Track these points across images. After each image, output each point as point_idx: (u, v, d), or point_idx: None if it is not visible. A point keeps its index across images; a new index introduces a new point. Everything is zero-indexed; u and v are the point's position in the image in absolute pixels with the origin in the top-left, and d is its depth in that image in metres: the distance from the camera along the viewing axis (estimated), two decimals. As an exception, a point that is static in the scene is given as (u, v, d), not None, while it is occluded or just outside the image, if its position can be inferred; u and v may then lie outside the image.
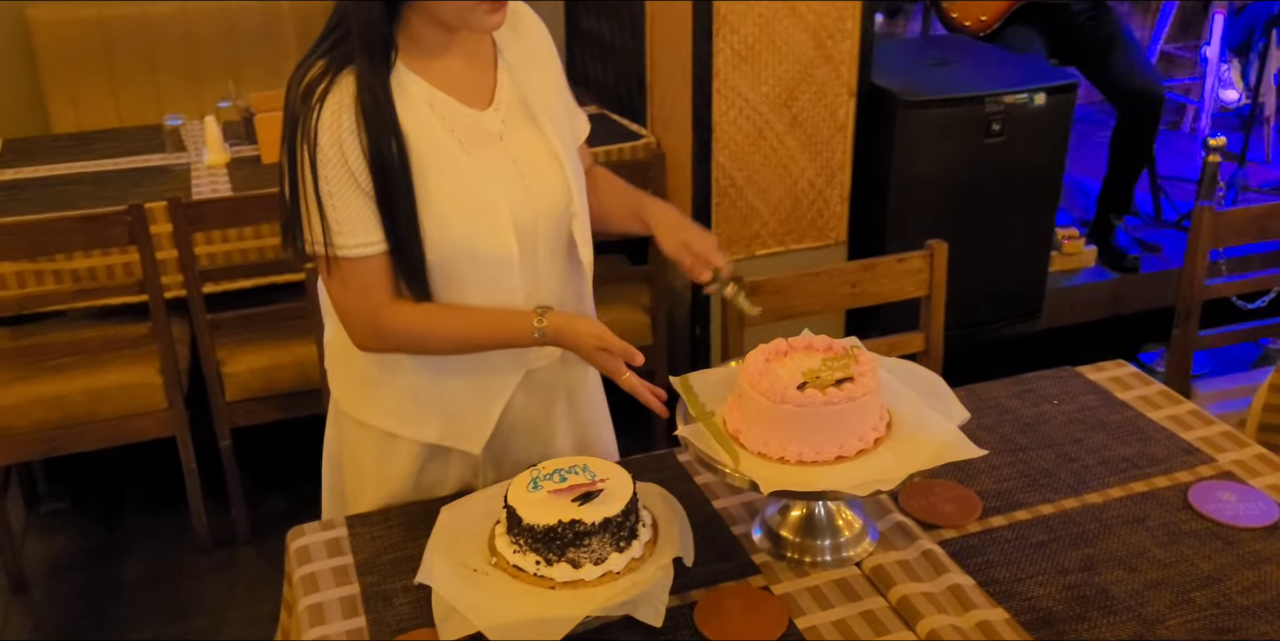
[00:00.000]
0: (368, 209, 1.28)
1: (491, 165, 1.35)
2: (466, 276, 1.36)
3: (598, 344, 1.35)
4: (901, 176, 2.83)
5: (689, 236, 1.43)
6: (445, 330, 1.37)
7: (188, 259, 2.35)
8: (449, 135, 1.32)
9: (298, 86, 1.27)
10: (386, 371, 1.43)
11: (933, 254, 1.95)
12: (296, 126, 1.26)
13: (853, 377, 1.25)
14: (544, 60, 1.44)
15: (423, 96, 1.31)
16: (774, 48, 2.66)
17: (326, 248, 1.29)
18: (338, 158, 1.26)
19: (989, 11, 3.40)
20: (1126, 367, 1.75)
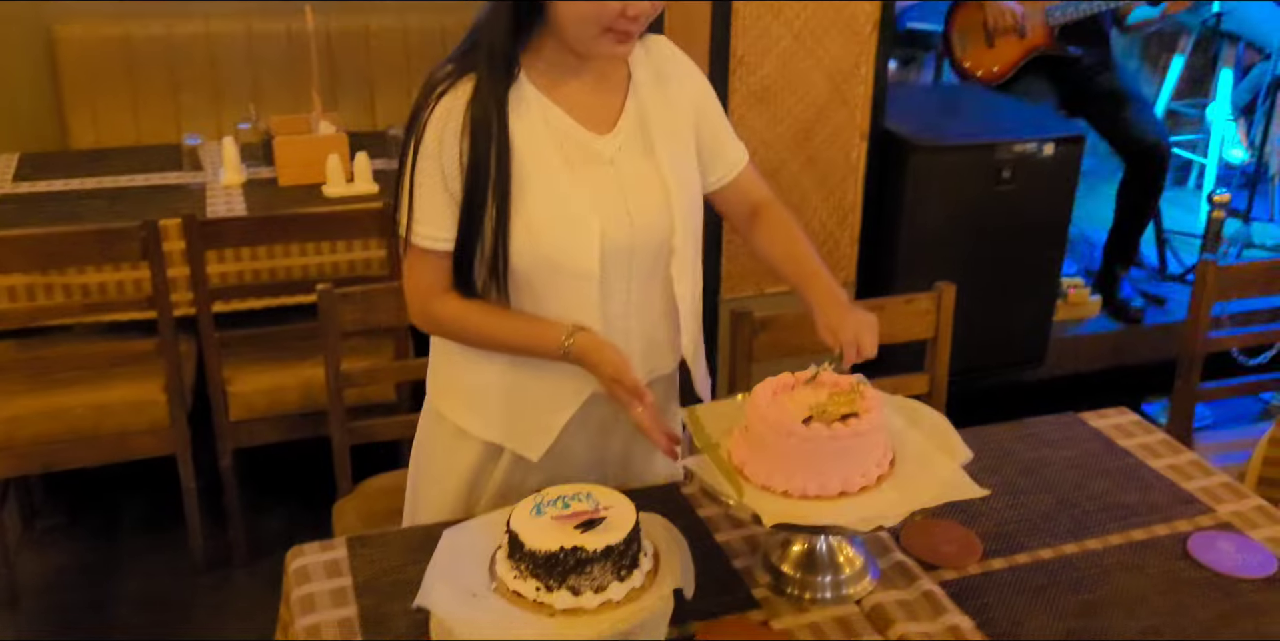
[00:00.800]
0: (446, 207, 1.36)
1: (594, 185, 1.39)
2: (548, 286, 1.40)
3: (614, 374, 1.37)
4: (911, 219, 2.86)
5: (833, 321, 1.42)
6: (479, 326, 1.43)
7: (199, 276, 2.36)
8: (556, 151, 1.38)
9: (428, 81, 1.37)
10: (464, 367, 1.49)
11: (940, 296, 1.96)
12: (414, 117, 1.36)
13: (858, 414, 1.26)
14: (679, 94, 1.48)
15: (540, 112, 1.37)
16: (791, 88, 2.70)
17: (407, 231, 1.39)
18: (435, 153, 1.34)
19: (1001, 62, 3.45)
20: (1129, 415, 1.75)
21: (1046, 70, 3.45)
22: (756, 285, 2.85)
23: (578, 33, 1.32)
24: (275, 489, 2.84)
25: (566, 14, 1.30)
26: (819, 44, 2.69)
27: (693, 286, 1.51)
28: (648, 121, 1.43)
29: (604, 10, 1.29)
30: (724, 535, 1.45)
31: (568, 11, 1.30)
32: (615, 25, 1.30)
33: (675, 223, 1.44)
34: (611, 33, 1.31)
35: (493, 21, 1.33)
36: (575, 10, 1.29)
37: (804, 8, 2.64)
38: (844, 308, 1.44)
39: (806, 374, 1.36)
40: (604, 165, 1.40)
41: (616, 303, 1.44)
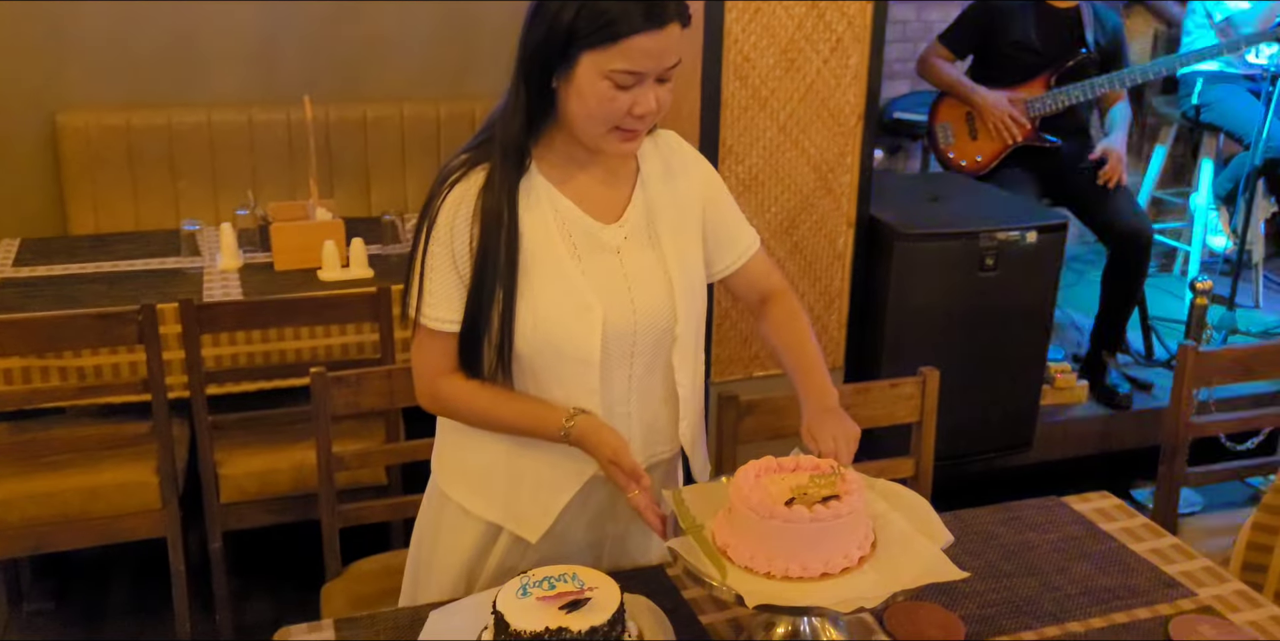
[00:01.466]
0: (456, 291, 1.41)
1: (599, 273, 1.44)
2: (550, 370, 1.44)
3: (612, 457, 1.40)
4: (897, 306, 2.91)
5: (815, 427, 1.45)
6: (485, 408, 1.46)
7: (194, 360, 2.39)
8: (564, 240, 1.43)
9: (443, 173, 1.43)
10: (469, 447, 1.52)
11: (925, 380, 1.99)
12: (428, 203, 1.42)
13: (839, 496, 1.28)
14: (686, 186, 1.53)
15: (550, 203, 1.43)
16: (778, 178, 2.78)
17: (416, 312, 1.44)
18: (446, 239, 1.40)
19: (985, 153, 3.54)
20: (1111, 499, 1.77)
21: (1029, 160, 3.55)
22: (745, 369, 2.89)
23: (586, 129, 1.37)
24: (263, 572, 2.82)
25: (576, 112, 1.36)
26: (804, 135, 2.78)
27: (693, 375, 1.54)
28: (654, 213, 1.48)
29: (612, 110, 1.34)
30: (709, 617, 1.45)
31: (578, 109, 1.35)
32: (622, 124, 1.36)
33: (678, 312, 1.48)
34: (619, 131, 1.37)
35: (507, 115, 1.39)
36: (584, 109, 1.35)
37: (789, 100, 2.73)
38: (829, 414, 1.48)
39: (790, 459, 1.39)
40: (610, 254, 1.45)
41: (617, 389, 1.47)
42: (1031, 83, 3.52)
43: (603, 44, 1.30)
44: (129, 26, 3.51)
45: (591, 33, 1.30)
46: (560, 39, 1.31)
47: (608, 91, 1.32)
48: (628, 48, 1.30)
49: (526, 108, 1.38)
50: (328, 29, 3.69)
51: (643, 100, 1.34)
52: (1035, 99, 3.50)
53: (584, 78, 1.32)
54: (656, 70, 1.33)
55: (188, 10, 3.54)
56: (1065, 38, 3.50)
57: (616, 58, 1.30)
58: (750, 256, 1.61)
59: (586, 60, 1.31)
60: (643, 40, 1.30)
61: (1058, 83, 3.51)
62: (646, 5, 1.29)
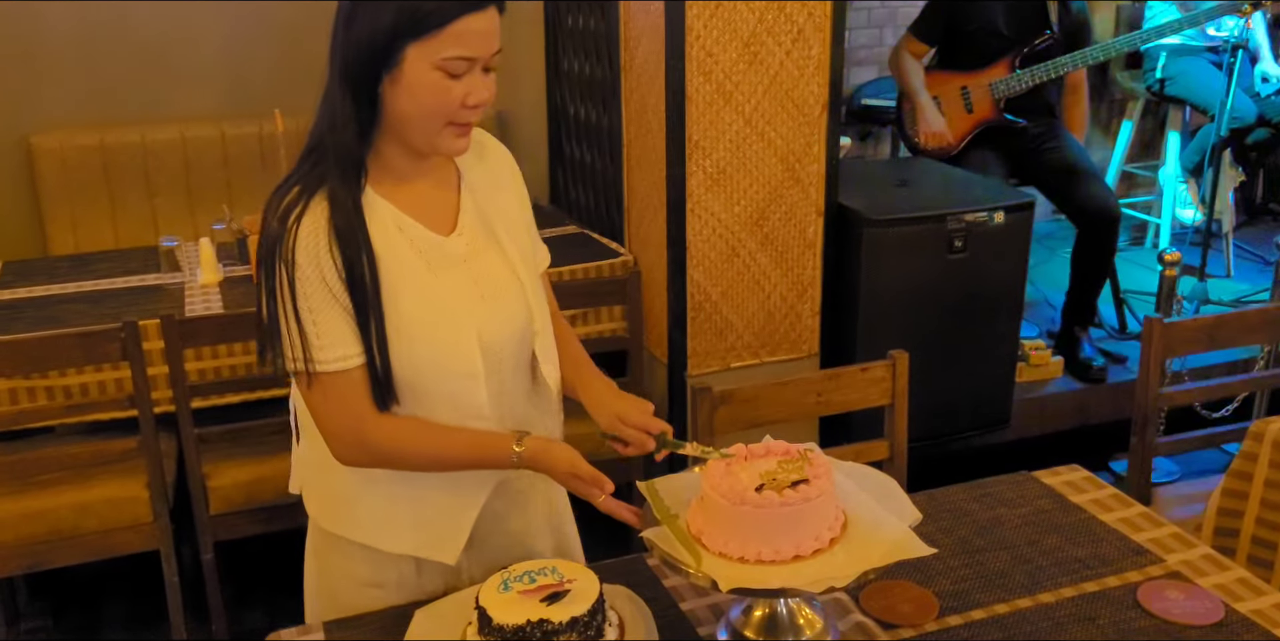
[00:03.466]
0: (347, 323, 1.34)
1: (456, 286, 1.42)
2: (433, 392, 1.41)
3: (570, 470, 1.42)
4: (870, 291, 2.95)
5: (620, 408, 1.51)
6: (428, 448, 1.41)
7: (178, 374, 2.42)
8: (418, 257, 1.39)
9: (275, 210, 1.33)
10: (361, 485, 1.47)
11: (895, 364, 2.03)
12: (275, 248, 1.32)
13: (808, 480, 1.32)
14: (508, 187, 1.53)
15: (392, 219, 1.38)
16: (745, 170, 2.81)
17: (308, 363, 1.34)
18: (316, 275, 1.32)
19: (952, 134, 3.58)
20: (1080, 472, 1.82)
21: (996, 142, 3.59)
22: (722, 360, 2.93)
23: (421, 128, 1.34)
24: (255, 581, 2.85)
25: (409, 110, 1.32)
26: (770, 127, 2.82)
27: (555, 365, 1.54)
28: (487, 215, 1.47)
29: (447, 101, 1.32)
30: (689, 604, 1.49)
31: (410, 107, 1.32)
32: (456, 117, 1.34)
33: (532, 307, 1.48)
34: (452, 126, 1.35)
35: (338, 127, 1.33)
36: (417, 105, 1.32)
37: (753, 93, 2.77)
38: (620, 397, 1.54)
39: (760, 446, 1.43)
40: (459, 264, 1.43)
41: (495, 395, 1.46)
42: (996, 65, 3.56)
43: (429, 33, 1.28)
44: (98, 46, 3.53)
45: (415, 24, 1.28)
46: (383, 38, 1.29)
47: (441, 82, 1.31)
48: (455, 32, 1.29)
49: (357, 117, 1.33)
50: (296, 41, 3.70)
51: (476, 89, 1.33)
52: (1000, 81, 3.55)
53: (413, 72, 1.30)
54: (486, 54, 1.32)
55: (156, 28, 3.55)
56: (1030, 21, 3.54)
57: (446, 44, 1.29)
58: (544, 267, 1.60)
59: (413, 54, 1.29)
60: (469, 22, 1.29)
61: (1022, 64, 3.55)
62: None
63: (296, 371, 1.36)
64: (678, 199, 2.77)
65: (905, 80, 3.63)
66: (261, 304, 1.35)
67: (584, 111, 3.35)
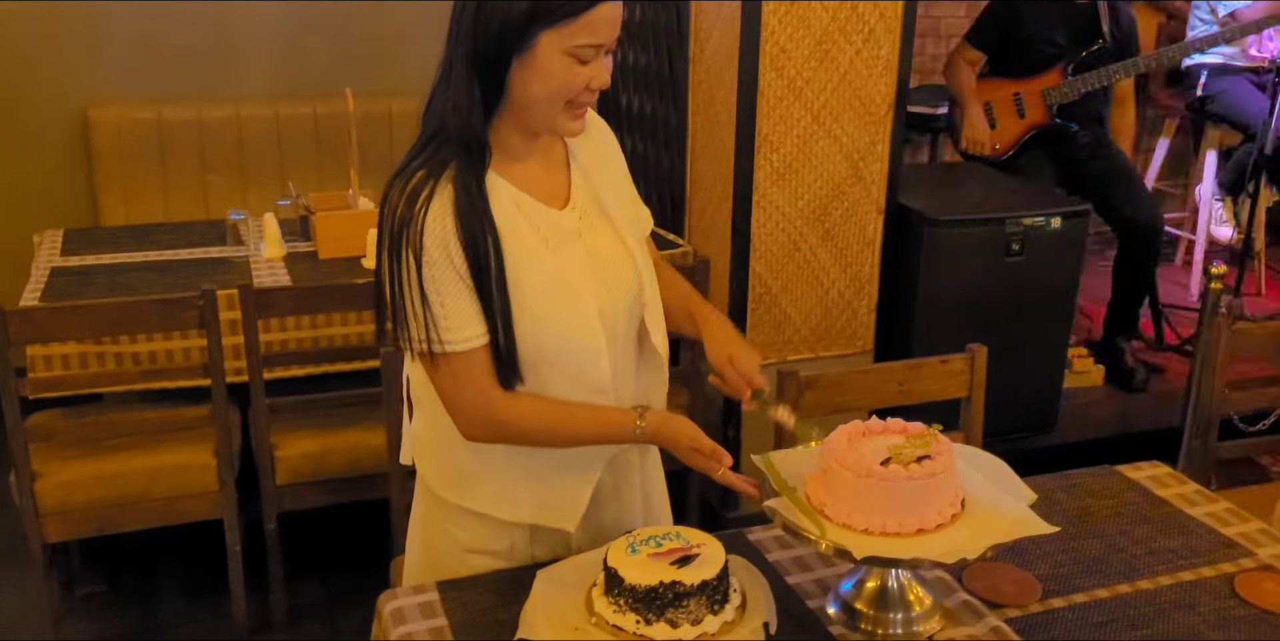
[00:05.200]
0: (473, 303, 1.36)
1: (574, 261, 1.45)
2: (556, 367, 1.43)
3: (691, 444, 1.45)
4: (926, 290, 2.99)
5: (735, 351, 1.54)
6: (556, 425, 1.44)
7: (253, 344, 2.44)
8: (535, 233, 1.42)
9: (401, 194, 1.35)
10: (481, 458, 1.49)
11: (973, 357, 2.07)
12: (402, 232, 1.33)
13: (931, 456, 1.35)
14: (612, 160, 1.57)
15: (510, 198, 1.41)
16: (811, 166, 2.85)
17: (433, 345, 1.36)
18: (444, 259, 1.34)
19: (1003, 140, 3.63)
20: (1162, 467, 1.85)
21: (1046, 149, 3.63)
22: (779, 353, 2.96)
23: (543, 110, 1.37)
24: (309, 555, 2.87)
25: (536, 93, 1.35)
26: (837, 123, 2.85)
27: (664, 331, 1.56)
28: (596, 190, 1.50)
29: (575, 83, 1.35)
30: (794, 578, 1.52)
31: (538, 88, 1.35)
32: (579, 98, 1.38)
33: (643, 278, 1.51)
34: (574, 106, 1.39)
35: (462, 108, 1.35)
36: (545, 89, 1.35)
37: (823, 90, 2.80)
38: (738, 339, 1.58)
39: (877, 423, 1.46)
40: (575, 239, 1.46)
41: (618, 370, 1.49)
42: (1049, 73, 3.60)
43: (564, 20, 1.31)
44: (160, 22, 3.57)
45: (550, 12, 1.31)
46: (518, 23, 1.31)
47: (570, 67, 1.34)
48: (589, 20, 1.32)
49: (483, 99, 1.35)
50: (353, 24, 3.75)
51: (600, 73, 1.36)
52: (1052, 88, 3.59)
53: (545, 57, 1.33)
54: (612, 39, 1.36)
55: (217, 6, 3.59)
56: (1083, 30, 3.58)
57: (580, 32, 1.32)
58: (648, 230, 1.64)
59: (547, 39, 1.32)
60: (603, 11, 1.32)
61: (1073, 72, 3.59)
62: None
63: (423, 352, 1.37)
64: (744, 191, 2.81)
65: (958, 89, 3.68)
66: (384, 285, 1.37)
67: (639, 102, 3.38)
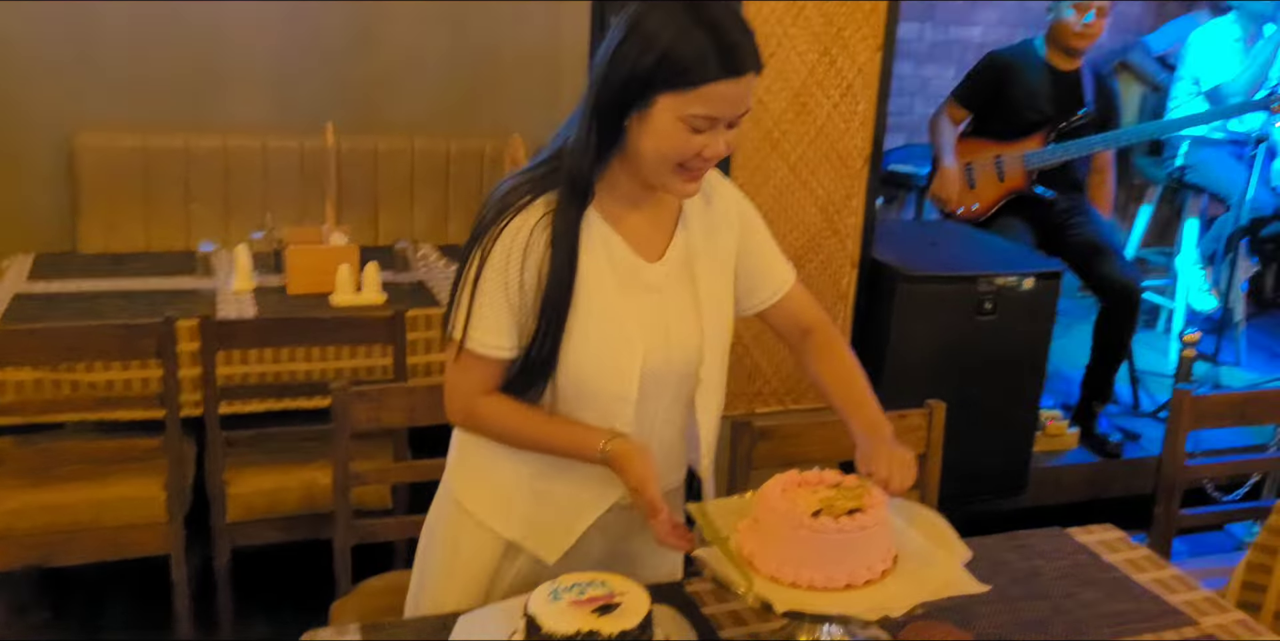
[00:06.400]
0: (506, 318, 1.43)
1: (641, 311, 1.48)
2: (585, 400, 1.47)
3: (636, 485, 1.43)
4: (898, 345, 2.97)
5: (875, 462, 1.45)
6: (525, 429, 1.49)
7: (210, 376, 2.42)
8: (612, 275, 1.46)
9: (496, 199, 1.44)
10: (495, 462, 1.55)
11: (932, 412, 2.05)
12: (483, 232, 1.43)
13: (864, 508, 1.33)
14: (728, 230, 1.58)
15: (601, 237, 1.45)
16: (787, 217, 2.85)
17: (464, 334, 1.45)
18: (502, 266, 1.41)
19: (981, 201, 3.65)
20: (1114, 532, 1.82)
21: (1024, 212, 3.65)
22: (748, 405, 2.94)
23: (653, 168, 1.41)
24: (261, 593, 2.82)
25: (647, 148, 1.39)
26: (813, 177, 2.86)
27: (716, 413, 1.59)
28: (693, 253, 1.52)
29: (685, 149, 1.38)
30: (728, 632, 1.48)
31: (649, 146, 1.38)
32: (690, 164, 1.40)
33: (705, 354, 1.53)
34: (685, 170, 1.41)
35: (579, 148, 1.41)
36: (656, 146, 1.38)
37: (800, 142, 2.82)
38: (883, 442, 1.49)
39: (813, 474, 1.43)
40: (651, 293, 1.49)
41: (644, 420, 1.51)
42: (1031, 138, 3.63)
43: (682, 88, 1.34)
44: (149, 50, 3.59)
45: (672, 77, 1.33)
46: (640, 80, 1.35)
47: (682, 133, 1.36)
48: (706, 93, 1.34)
49: (597, 143, 1.41)
50: (344, 60, 3.78)
51: (713, 143, 1.38)
52: (1033, 153, 3.62)
53: (660, 119, 1.36)
54: (731, 115, 1.37)
55: (207, 36, 3.62)
56: (1066, 98, 3.62)
57: (694, 102, 1.34)
58: (786, 291, 1.65)
59: (664, 102, 1.35)
60: (721, 87, 1.34)
61: (1055, 139, 3.62)
62: (725, 54, 1.33)
63: (452, 338, 1.46)
64: (717, 241, 2.80)
65: (937, 142, 3.71)
66: (458, 275, 1.47)
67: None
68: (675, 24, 1.34)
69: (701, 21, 1.34)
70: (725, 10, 1.37)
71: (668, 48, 1.33)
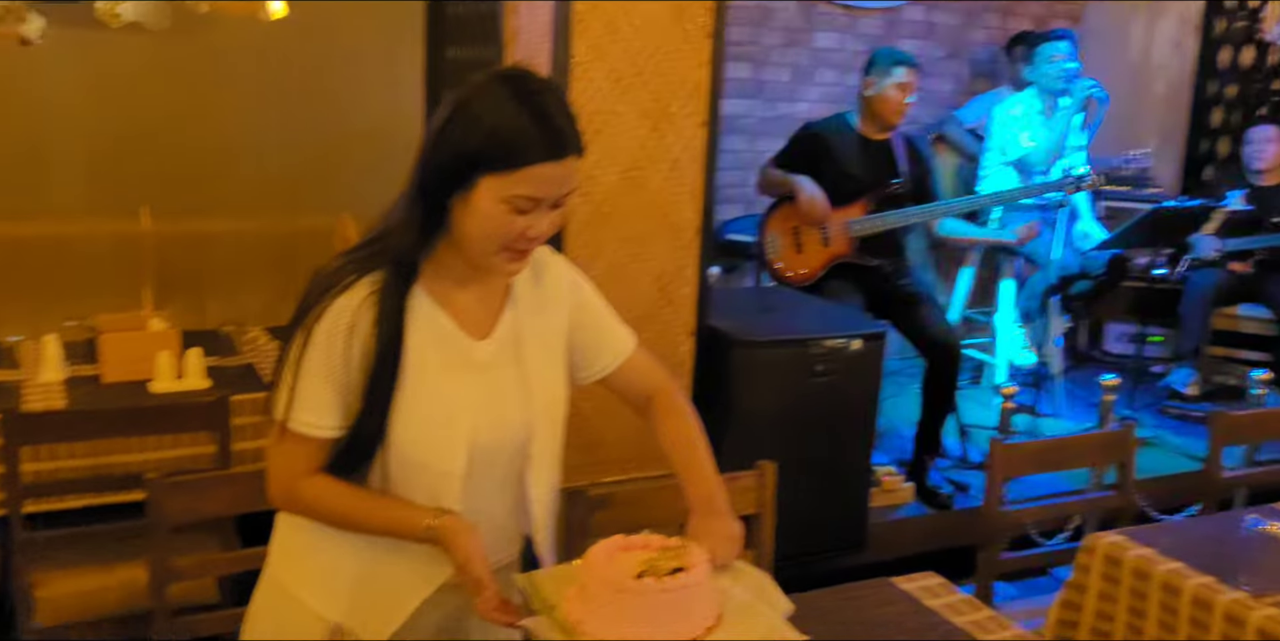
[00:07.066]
0: (330, 397, 1.42)
1: (469, 389, 1.47)
2: (413, 479, 1.46)
3: (462, 563, 1.42)
4: (737, 410, 3.04)
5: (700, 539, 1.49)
6: (344, 507, 1.46)
7: (13, 472, 2.28)
8: (439, 353, 1.46)
9: (320, 281, 1.44)
10: (319, 540, 1.50)
11: (763, 473, 2.09)
12: (305, 314, 1.43)
13: (686, 567, 1.34)
14: (557, 308, 1.59)
15: (428, 316, 1.46)
16: (620, 289, 2.89)
17: (286, 414, 1.43)
18: (326, 346, 1.41)
19: (808, 266, 3.79)
20: (935, 578, 1.89)
21: (851, 275, 3.81)
22: (590, 476, 2.93)
23: (477, 248, 1.42)
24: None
25: (471, 229, 1.40)
26: (645, 248, 2.93)
27: (550, 489, 1.59)
28: (522, 331, 1.54)
29: (509, 230, 1.39)
30: (562, 703, 1.46)
31: (473, 227, 1.40)
32: (514, 244, 1.42)
33: (535, 431, 1.54)
34: (508, 250, 1.42)
35: (402, 228, 1.42)
36: (480, 227, 1.39)
37: (631, 216, 2.88)
38: (713, 516, 1.54)
39: (639, 538, 1.44)
40: (480, 371, 1.49)
41: (472, 497, 1.50)
42: (852, 205, 3.80)
43: (505, 170, 1.36)
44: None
45: (495, 159, 1.36)
46: (464, 162, 1.37)
47: (504, 214, 1.38)
48: (529, 175, 1.36)
49: (421, 224, 1.42)
50: (168, 140, 3.69)
51: (537, 224, 1.40)
52: (855, 221, 3.79)
53: (482, 200, 1.38)
54: (554, 197, 1.40)
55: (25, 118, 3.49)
56: (881, 167, 3.82)
57: (518, 184, 1.36)
58: (625, 358, 1.67)
59: (486, 183, 1.37)
60: (544, 169, 1.36)
61: (876, 207, 3.80)
62: (549, 137, 1.36)
63: (275, 418, 1.45)
64: (551, 313, 2.82)
65: (770, 175, 3.83)
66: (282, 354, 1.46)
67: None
68: (501, 107, 1.37)
69: (526, 105, 1.37)
70: (550, 95, 1.41)
71: (492, 129, 1.36)
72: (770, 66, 5.07)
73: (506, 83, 1.39)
